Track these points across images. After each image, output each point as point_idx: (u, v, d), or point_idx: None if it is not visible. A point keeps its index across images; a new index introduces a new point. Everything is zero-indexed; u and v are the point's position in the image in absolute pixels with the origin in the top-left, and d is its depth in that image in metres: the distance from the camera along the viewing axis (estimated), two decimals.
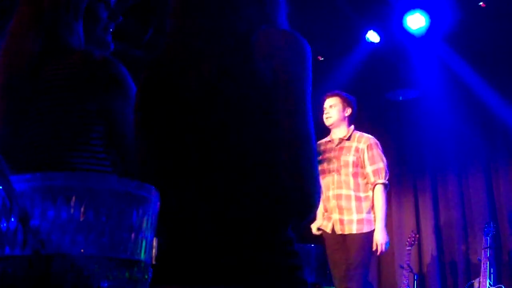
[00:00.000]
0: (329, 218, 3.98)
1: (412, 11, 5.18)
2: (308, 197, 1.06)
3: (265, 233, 1.07)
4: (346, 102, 4.12)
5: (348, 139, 4.06)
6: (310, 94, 1.10)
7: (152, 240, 0.57)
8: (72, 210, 0.50)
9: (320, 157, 4.01)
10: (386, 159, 4.14)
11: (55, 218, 0.49)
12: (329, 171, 4.00)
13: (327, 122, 4.12)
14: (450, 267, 5.87)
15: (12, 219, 0.49)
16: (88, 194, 0.50)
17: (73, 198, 0.50)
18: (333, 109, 4.10)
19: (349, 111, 4.11)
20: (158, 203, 0.57)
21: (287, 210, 1.09)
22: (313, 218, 4.08)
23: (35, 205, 0.49)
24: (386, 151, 6.25)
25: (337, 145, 4.05)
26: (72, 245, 0.49)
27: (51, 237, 0.49)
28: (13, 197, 0.49)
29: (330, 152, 4.04)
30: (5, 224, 0.50)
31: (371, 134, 4.22)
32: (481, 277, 4.70)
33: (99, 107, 1.40)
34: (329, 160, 3.98)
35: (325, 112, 4.13)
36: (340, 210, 3.92)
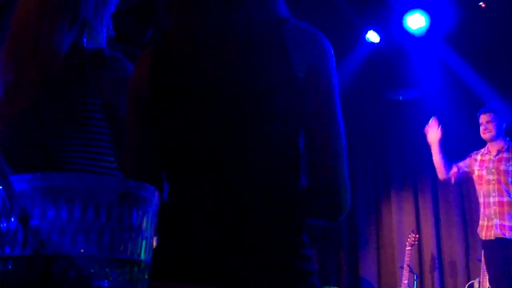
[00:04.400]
0: (490, 227, 4.31)
1: (412, 11, 5.18)
2: (340, 198, 1.02)
3: (282, 235, 1.03)
4: (502, 116, 4.47)
5: (507, 150, 4.39)
6: (338, 95, 1.08)
7: (152, 240, 0.57)
8: (72, 210, 0.50)
9: (478, 167, 4.44)
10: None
11: (55, 218, 0.49)
12: (489, 181, 4.36)
13: (485, 136, 4.46)
14: (450, 267, 5.87)
15: (12, 219, 0.49)
16: (88, 194, 0.50)
17: (73, 198, 0.50)
18: (491, 125, 4.42)
19: (504, 124, 4.46)
20: (158, 203, 0.57)
21: (317, 211, 1.06)
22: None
23: (35, 205, 0.49)
24: (386, 151, 6.27)
25: (495, 156, 4.39)
26: (72, 245, 0.49)
27: (51, 237, 0.49)
28: (13, 197, 0.49)
29: (489, 163, 4.39)
30: (5, 224, 0.50)
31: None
32: (481, 277, 4.71)
33: (105, 103, 1.40)
34: (488, 170, 4.34)
35: (482, 127, 4.46)
36: (502, 215, 4.26)
